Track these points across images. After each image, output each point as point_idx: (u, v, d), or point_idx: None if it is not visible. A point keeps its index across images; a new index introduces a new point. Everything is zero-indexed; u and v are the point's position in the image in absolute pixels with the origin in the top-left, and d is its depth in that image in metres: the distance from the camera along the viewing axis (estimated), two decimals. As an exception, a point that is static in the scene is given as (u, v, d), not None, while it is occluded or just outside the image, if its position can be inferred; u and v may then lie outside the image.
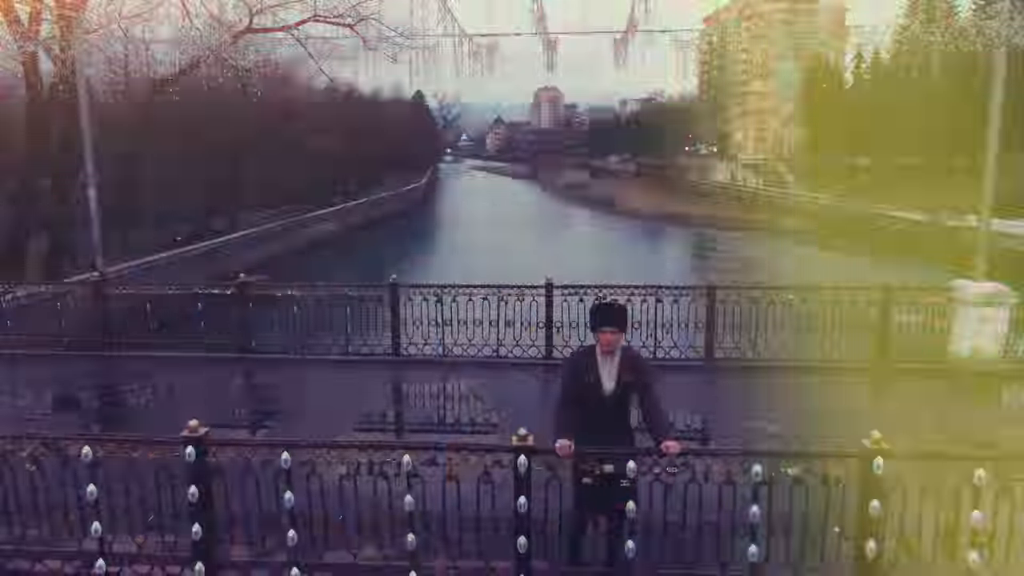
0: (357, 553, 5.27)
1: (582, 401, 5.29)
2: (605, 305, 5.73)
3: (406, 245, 64.60)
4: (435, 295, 10.83)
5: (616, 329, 5.41)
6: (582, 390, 5.30)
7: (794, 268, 59.30)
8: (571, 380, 5.35)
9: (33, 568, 5.44)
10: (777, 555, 5.07)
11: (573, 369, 5.42)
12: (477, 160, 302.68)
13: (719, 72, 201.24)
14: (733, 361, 10.57)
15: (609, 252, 63.22)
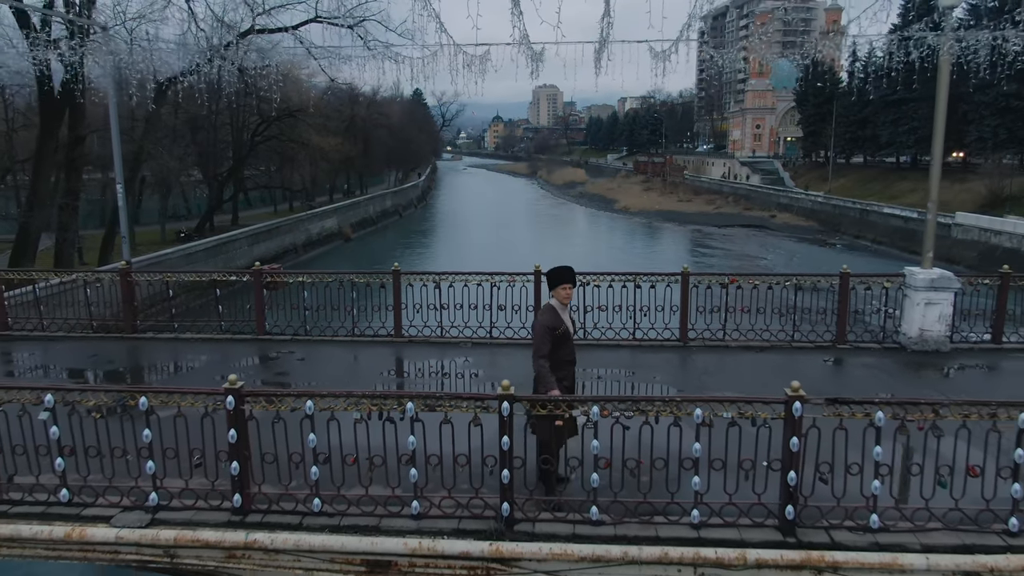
0: (368, 487, 6.31)
1: (557, 346, 6.43)
2: (563, 268, 6.97)
3: (403, 244, 65.64)
4: (434, 281, 11.87)
5: (571, 285, 6.96)
6: (557, 339, 6.58)
7: (784, 263, 60.42)
8: (548, 334, 6.49)
9: (95, 501, 6.48)
10: (717, 484, 6.12)
11: (548, 325, 6.56)
12: (476, 158, 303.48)
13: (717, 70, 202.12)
14: (705, 341, 11.61)
15: (607, 250, 64.35)
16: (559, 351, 6.71)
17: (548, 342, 6.55)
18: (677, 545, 5.87)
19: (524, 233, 70.26)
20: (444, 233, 76.48)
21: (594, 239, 73.53)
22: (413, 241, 66.37)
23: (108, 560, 6.49)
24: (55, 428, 6.37)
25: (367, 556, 6.08)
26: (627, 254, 62.59)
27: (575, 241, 69.21)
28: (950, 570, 5.75)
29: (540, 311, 7.17)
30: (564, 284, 6.93)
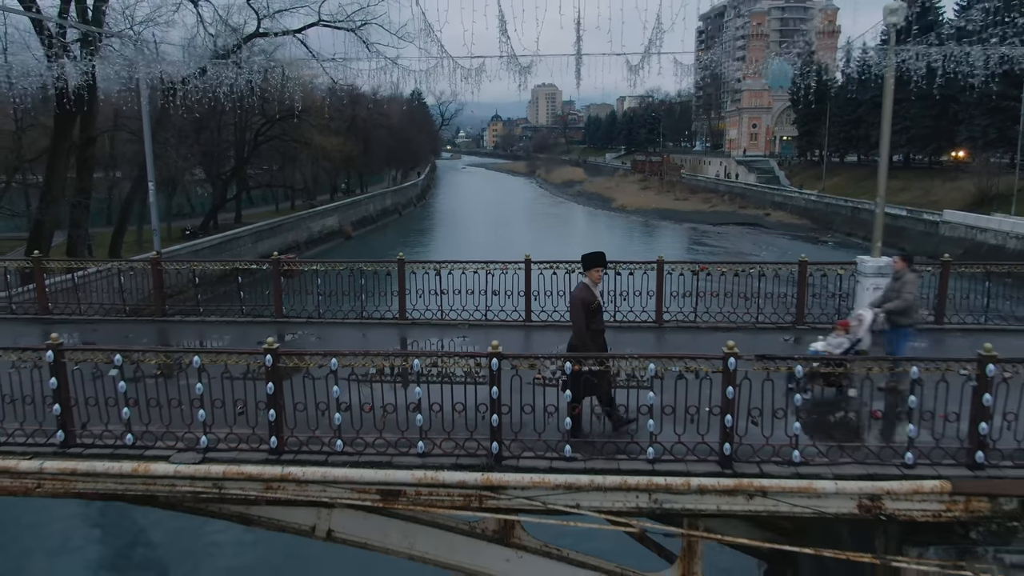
0: (382, 431, 7.64)
1: (590, 318, 7.94)
2: (597, 253, 8.51)
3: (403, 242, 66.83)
4: (434, 269, 13.20)
5: (603, 267, 8.44)
6: (591, 312, 8.00)
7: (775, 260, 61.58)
8: (584, 307, 7.94)
9: (155, 444, 7.81)
10: (668, 428, 7.45)
11: (584, 299, 8.02)
12: (475, 157, 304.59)
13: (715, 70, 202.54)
14: (678, 322, 12.94)
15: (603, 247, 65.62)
16: (592, 322, 8.12)
17: (584, 315, 7.90)
18: (635, 475, 7.20)
19: (521, 231, 71.51)
20: (443, 232, 77.74)
21: (591, 237, 74.65)
22: (412, 239, 67.62)
23: (164, 493, 7.82)
24: (122, 383, 7.69)
25: (381, 486, 7.42)
26: (624, 252, 63.82)
27: (572, 240, 70.33)
28: (856, 493, 7.09)
29: (577, 288, 8.47)
30: (597, 267, 8.29)
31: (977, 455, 7.17)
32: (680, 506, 7.27)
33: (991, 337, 12.16)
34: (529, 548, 8.79)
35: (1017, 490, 7.08)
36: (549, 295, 13.06)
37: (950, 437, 7.30)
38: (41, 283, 13.58)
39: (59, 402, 7.73)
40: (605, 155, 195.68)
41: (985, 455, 7.18)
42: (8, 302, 14.28)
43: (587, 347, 7.85)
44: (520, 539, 8.79)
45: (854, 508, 7.16)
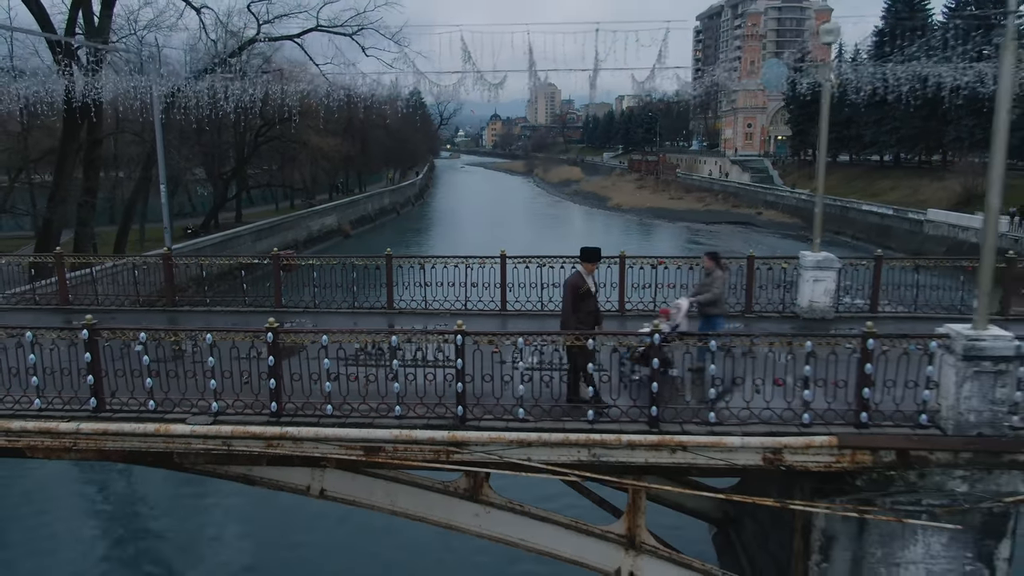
0: (365, 397, 9.04)
1: (581, 300, 9.31)
2: (593, 248, 9.87)
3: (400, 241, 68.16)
4: (419, 263, 14.61)
5: (596, 260, 9.78)
6: (580, 296, 9.38)
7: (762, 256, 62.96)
8: (574, 291, 9.33)
9: (173, 410, 9.21)
10: (606, 393, 8.85)
11: (574, 284, 9.43)
12: (474, 156, 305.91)
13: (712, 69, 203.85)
14: (639, 311, 14.34)
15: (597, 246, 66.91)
16: (583, 304, 9.50)
17: (572, 297, 9.32)
18: (576, 433, 8.61)
19: (515, 231, 72.82)
20: (439, 231, 79.01)
21: (584, 237, 75.87)
22: (408, 239, 68.95)
23: (180, 451, 9.22)
24: (146, 358, 9.09)
25: (364, 443, 8.82)
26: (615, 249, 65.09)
27: (566, 239, 71.62)
28: (759, 447, 8.50)
29: (571, 275, 9.86)
30: (594, 260, 9.73)
31: (862, 415, 8.58)
32: (614, 459, 8.67)
33: (919, 323, 13.67)
34: (495, 504, 10.19)
35: (894, 444, 8.48)
36: (523, 287, 14.48)
37: (841, 401, 8.71)
38: (62, 277, 14.98)
39: (92, 374, 9.13)
40: (603, 154, 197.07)
41: (868, 415, 8.59)
42: (32, 293, 15.69)
43: (569, 325, 9.24)
44: (488, 496, 10.19)
45: (759, 460, 8.57)
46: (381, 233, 77.10)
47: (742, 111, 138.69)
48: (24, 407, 9.25)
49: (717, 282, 10.90)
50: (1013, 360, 8.22)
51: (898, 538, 9.30)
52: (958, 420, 8.42)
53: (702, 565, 10.45)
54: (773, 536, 11.68)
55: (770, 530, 11.88)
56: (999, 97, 8.15)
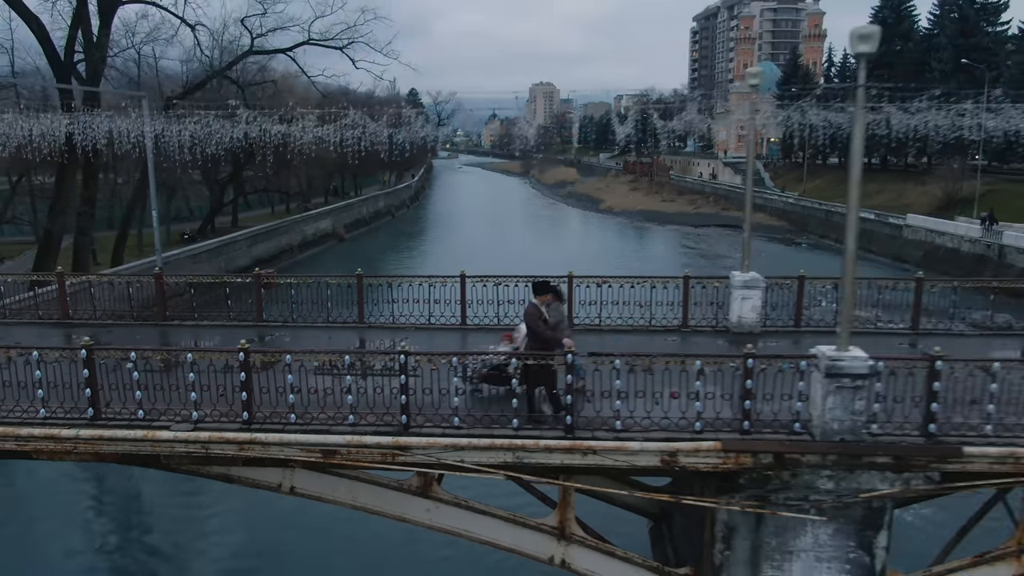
0: (324, 407, 10.54)
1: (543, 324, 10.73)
2: (543, 281, 11.44)
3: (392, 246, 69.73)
4: (387, 282, 16.11)
5: (550, 294, 11.22)
6: (543, 321, 10.75)
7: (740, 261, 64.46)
8: (538, 317, 10.70)
9: (159, 418, 10.70)
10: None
11: (537, 313, 10.79)
12: (472, 156, 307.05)
13: (707, 71, 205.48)
14: (586, 326, 15.83)
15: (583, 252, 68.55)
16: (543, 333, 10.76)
17: (541, 321, 10.72)
18: (502, 438, 10.11)
19: (505, 236, 74.42)
20: (431, 235, 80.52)
21: (571, 243, 77.53)
22: (401, 243, 70.45)
23: (165, 453, 10.71)
24: (136, 374, 10.59)
25: (322, 447, 10.32)
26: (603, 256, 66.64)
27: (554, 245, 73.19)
28: (657, 451, 9.99)
29: (528, 305, 11.28)
30: (546, 292, 11.31)
31: (744, 424, 10.08)
32: (535, 461, 10.17)
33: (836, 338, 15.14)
34: (444, 500, 11.66)
35: (771, 448, 9.97)
36: (480, 303, 15.96)
37: (728, 411, 10.21)
38: (63, 293, 16.47)
39: (89, 387, 10.62)
40: (599, 155, 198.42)
41: (750, 424, 10.09)
42: (35, 307, 17.18)
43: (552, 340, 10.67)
44: (437, 493, 11.66)
45: (658, 462, 10.07)
46: (376, 236, 78.67)
47: (735, 113, 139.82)
48: (31, 416, 10.74)
49: (554, 311, 12.18)
50: (868, 377, 9.70)
51: (791, 529, 10.78)
52: (824, 428, 9.91)
53: (624, 553, 11.92)
54: (695, 529, 13.20)
55: (692, 523, 13.39)
56: (852, 152, 9.64)
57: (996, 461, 9.89)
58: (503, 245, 68.63)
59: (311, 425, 10.50)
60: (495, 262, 56.49)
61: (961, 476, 10.13)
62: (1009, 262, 48.65)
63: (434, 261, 64.28)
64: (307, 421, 10.52)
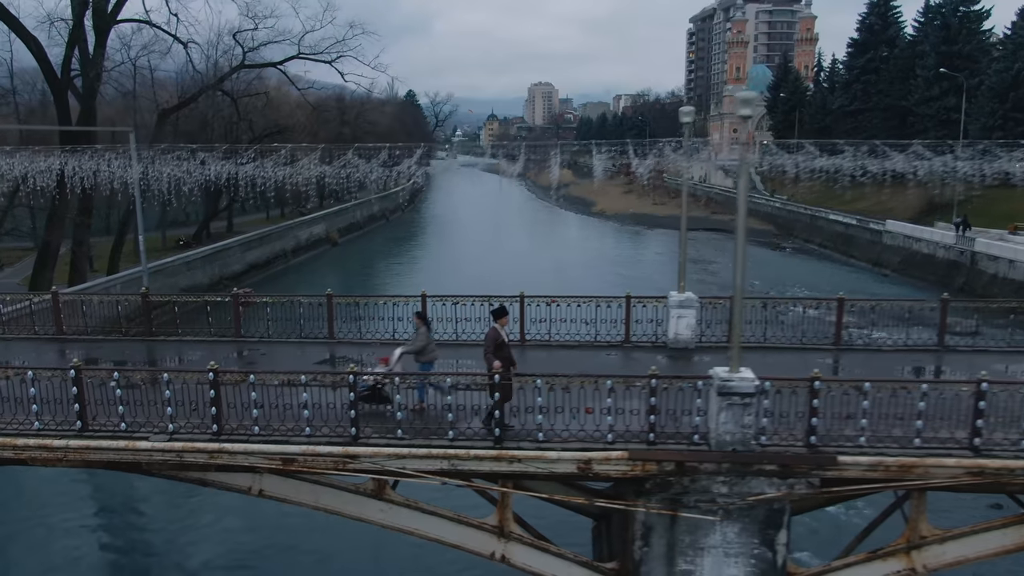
0: (283, 420, 11.98)
1: (500, 348, 12.12)
2: (500, 308, 12.93)
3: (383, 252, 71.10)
4: (355, 301, 17.54)
5: (505, 316, 12.66)
6: (501, 344, 12.15)
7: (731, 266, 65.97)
8: (494, 342, 12.15)
9: (139, 430, 12.13)
10: (462, 419, 11.78)
11: (494, 337, 12.25)
12: (470, 156, 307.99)
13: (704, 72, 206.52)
14: (537, 342, 17.26)
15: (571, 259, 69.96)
16: (500, 352, 12.27)
17: (493, 346, 12.17)
18: (438, 448, 11.55)
19: (494, 240, 75.87)
20: (423, 240, 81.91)
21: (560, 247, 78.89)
22: (393, 249, 71.84)
23: (145, 461, 12.14)
24: (119, 390, 12.03)
25: (282, 455, 11.76)
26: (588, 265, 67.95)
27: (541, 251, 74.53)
28: (573, 459, 11.43)
29: (490, 329, 12.71)
30: (504, 316, 12.84)
31: (650, 435, 11.52)
32: (467, 467, 11.61)
33: (768, 353, 16.61)
34: (396, 502, 13.08)
35: (673, 457, 11.41)
36: (440, 320, 17.38)
37: (635, 425, 11.66)
38: (57, 311, 17.91)
39: (78, 403, 12.06)
40: (595, 156, 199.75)
41: (655, 435, 11.53)
42: (32, 324, 18.61)
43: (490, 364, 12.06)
44: (390, 496, 13.08)
45: (575, 469, 11.51)
46: (370, 240, 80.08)
47: (728, 116, 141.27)
48: (27, 428, 12.19)
49: (420, 336, 13.61)
50: (754, 396, 11.14)
51: (701, 528, 12.21)
52: (719, 439, 11.35)
53: (558, 549, 13.34)
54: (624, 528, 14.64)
55: (625, 523, 14.83)
56: (739, 209, 11.08)
57: (868, 469, 11.34)
58: (491, 251, 70.21)
59: (273, 436, 11.95)
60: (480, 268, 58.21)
61: (840, 482, 11.57)
62: (980, 268, 50.02)
63: (423, 267, 65.82)
64: (269, 433, 11.97)
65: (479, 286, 17.14)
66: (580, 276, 55.58)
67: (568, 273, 56.98)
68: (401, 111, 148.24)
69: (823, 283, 60.58)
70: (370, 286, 58.95)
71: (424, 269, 65.72)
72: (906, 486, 11.64)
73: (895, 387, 11.49)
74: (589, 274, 57.66)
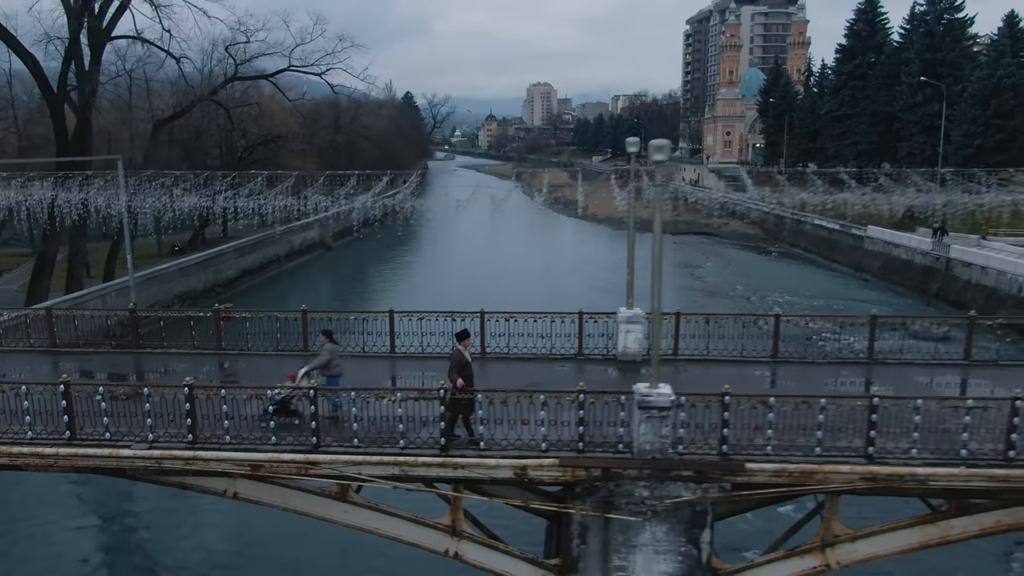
0: (252, 431, 13.30)
1: (463, 368, 13.36)
2: (463, 331, 14.26)
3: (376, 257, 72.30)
4: (328, 317, 18.86)
5: (469, 340, 13.91)
6: (463, 365, 13.41)
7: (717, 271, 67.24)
8: (458, 361, 13.43)
9: (123, 439, 13.45)
10: (413, 430, 13.10)
11: (458, 359, 13.52)
12: (468, 157, 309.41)
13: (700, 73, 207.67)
14: (497, 355, 18.58)
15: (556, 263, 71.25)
16: (463, 371, 13.50)
17: (457, 367, 13.41)
18: (390, 456, 12.88)
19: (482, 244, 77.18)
20: (414, 245, 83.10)
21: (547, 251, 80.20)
22: (385, 254, 73.08)
23: (127, 467, 13.46)
24: (103, 403, 13.35)
25: (250, 462, 13.09)
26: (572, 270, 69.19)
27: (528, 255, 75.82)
28: (510, 466, 12.75)
29: (453, 351, 13.99)
30: (466, 339, 14.07)
31: (579, 444, 12.84)
32: (416, 473, 12.93)
33: (709, 366, 17.93)
34: (358, 503, 14.39)
35: (599, 463, 12.73)
36: (407, 335, 18.72)
37: (566, 435, 12.98)
38: (51, 326, 19.24)
39: (67, 414, 13.39)
40: (592, 158, 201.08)
41: (584, 445, 12.85)
42: (27, 336, 19.93)
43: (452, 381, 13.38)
44: (352, 498, 14.38)
45: (512, 475, 12.83)
46: (363, 245, 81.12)
47: (721, 119, 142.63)
48: (20, 437, 13.53)
49: (324, 352, 14.82)
50: (670, 409, 12.47)
51: (633, 528, 13.52)
52: (640, 448, 12.67)
53: (506, 547, 14.65)
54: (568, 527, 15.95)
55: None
56: (654, 239, 12.40)
57: (773, 475, 12.66)
58: (481, 255, 71.51)
59: (243, 445, 13.27)
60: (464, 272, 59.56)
61: (750, 486, 12.89)
62: (955, 274, 51.31)
63: (414, 271, 67.20)
64: (240, 442, 13.29)
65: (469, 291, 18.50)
66: (570, 283, 56.88)
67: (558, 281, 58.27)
68: (398, 113, 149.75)
69: (804, 288, 61.96)
70: (362, 290, 60.35)
71: (414, 273, 67.14)
72: (807, 491, 12.96)
73: (797, 401, 12.79)
74: (578, 280, 58.94)
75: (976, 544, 14.93)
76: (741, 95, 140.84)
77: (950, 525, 13.68)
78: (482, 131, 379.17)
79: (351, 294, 57.88)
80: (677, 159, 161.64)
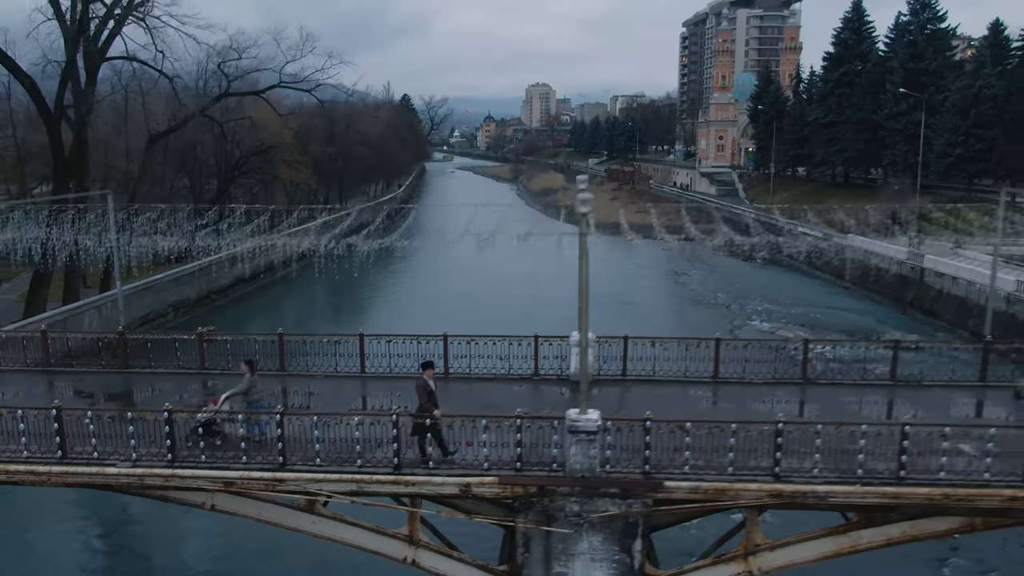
0: (226, 450, 14.77)
1: (431, 396, 14.89)
2: (428, 361, 15.78)
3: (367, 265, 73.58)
4: (303, 339, 20.35)
5: (432, 369, 15.37)
6: (430, 393, 14.92)
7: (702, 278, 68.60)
8: (425, 389, 14.91)
9: (109, 457, 14.93)
10: (369, 450, 14.59)
11: (424, 386, 15.00)
12: (467, 158, 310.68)
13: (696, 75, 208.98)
14: (459, 375, 20.06)
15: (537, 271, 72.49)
16: (431, 399, 14.95)
17: (426, 393, 14.89)
18: (347, 474, 14.36)
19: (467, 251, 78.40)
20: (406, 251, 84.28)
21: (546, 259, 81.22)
22: (378, 261, 74.34)
23: (113, 483, 14.94)
24: (92, 425, 14.84)
25: (223, 479, 14.57)
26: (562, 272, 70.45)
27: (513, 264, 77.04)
28: (456, 483, 14.22)
29: (420, 380, 15.33)
30: (430, 368, 15.52)
31: (517, 464, 14.32)
32: (372, 489, 14.42)
33: (655, 386, 19.40)
34: (324, 515, 15.86)
35: (535, 481, 14.21)
36: (378, 356, 20.20)
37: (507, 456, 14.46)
38: (46, 347, 20.74)
39: (59, 436, 14.88)
40: (588, 160, 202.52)
41: (521, 464, 14.33)
42: (24, 356, 21.41)
43: (425, 409, 14.84)
44: (320, 510, 15.85)
45: (458, 491, 14.31)
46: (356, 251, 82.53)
47: (714, 123, 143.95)
48: (17, 456, 15.02)
49: (246, 380, 16.21)
50: (597, 433, 13.94)
51: (572, 538, 14.98)
52: (572, 467, 14.15)
53: (459, 554, 16.12)
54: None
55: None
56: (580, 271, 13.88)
57: (690, 491, 14.14)
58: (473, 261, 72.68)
59: (216, 463, 14.76)
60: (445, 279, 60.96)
61: (669, 502, 14.36)
62: (928, 283, 52.75)
63: (406, 277, 68.63)
64: (213, 461, 14.78)
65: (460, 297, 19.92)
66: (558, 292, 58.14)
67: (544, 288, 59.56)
68: (395, 116, 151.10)
69: (784, 295, 63.52)
70: (356, 298, 61.88)
71: (406, 280, 68.60)
72: (721, 507, 14.42)
73: (711, 426, 14.27)
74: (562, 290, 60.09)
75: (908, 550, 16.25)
76: (734, 100, 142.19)
77: (859, 536, 15.14)
78: (480, 132, 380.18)
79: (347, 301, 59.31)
80: (670, 163, 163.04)
